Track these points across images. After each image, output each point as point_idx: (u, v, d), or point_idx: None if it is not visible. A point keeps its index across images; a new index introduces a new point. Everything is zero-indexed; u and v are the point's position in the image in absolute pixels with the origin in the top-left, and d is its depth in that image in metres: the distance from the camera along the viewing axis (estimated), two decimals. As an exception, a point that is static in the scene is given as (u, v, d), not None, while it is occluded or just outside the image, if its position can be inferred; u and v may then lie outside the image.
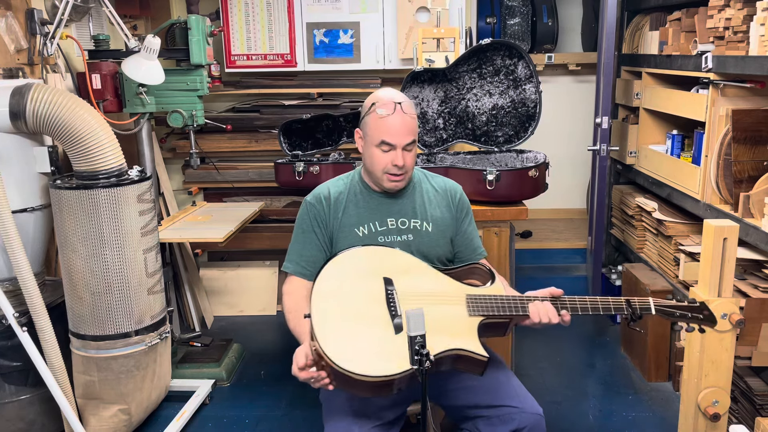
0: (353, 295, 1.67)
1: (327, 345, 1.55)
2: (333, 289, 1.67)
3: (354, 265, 1.74)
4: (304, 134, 3.02)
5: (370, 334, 1.60)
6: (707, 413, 1.93)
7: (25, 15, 2.63)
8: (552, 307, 1.70)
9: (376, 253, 1.78)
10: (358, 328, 1.61)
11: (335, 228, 1.92)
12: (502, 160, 2.93)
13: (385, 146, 1.83)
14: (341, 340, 1.57)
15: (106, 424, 2.43)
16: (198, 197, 3.77)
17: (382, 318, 1.63)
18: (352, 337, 1.59)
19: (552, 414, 2.74)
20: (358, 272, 1.73)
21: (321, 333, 1.57)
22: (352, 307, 1.65)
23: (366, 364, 1.53)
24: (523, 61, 2.85)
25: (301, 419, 2.77)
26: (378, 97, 1.87)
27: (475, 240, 2.01)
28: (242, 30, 3.57)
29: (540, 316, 1.68)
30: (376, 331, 1.60)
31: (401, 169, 1.84)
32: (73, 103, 2.22)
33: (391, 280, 1.72)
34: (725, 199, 2.56)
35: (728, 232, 1.87)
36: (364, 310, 1.64)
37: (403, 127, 1.82)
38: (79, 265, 2.28)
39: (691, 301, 1.72)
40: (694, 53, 2.75)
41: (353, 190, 1.96)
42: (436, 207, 1.97)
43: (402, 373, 1.54)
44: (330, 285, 1.68)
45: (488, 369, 1.88)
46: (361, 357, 1.54)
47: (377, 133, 1.83)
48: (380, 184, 1.90)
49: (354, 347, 1.57)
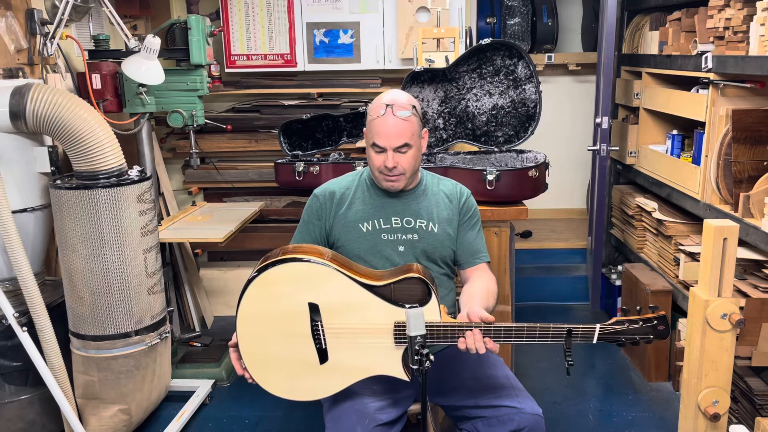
0: (277, 324, 1.69)
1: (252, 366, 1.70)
2: (256, 317, 1.70)
3: (276, 287, 1.69)
4: (304, 134, 3.02)
5: (292, 360, 1.70)
6: (707, 413, 1.93)
7: (25, 15, 2.63)
8: (480, 340, 1.64)
9: (300, 274, 1.70)
10: (280, 353, 1.70)
11: (337, 223, 1.95)
12: (502, 160, 2.93)
13: (376, 147, 1.85)
14: (264, 365, 1.70)
15: (106, 424, 2.43)
16: (198, 197, 3.77)
17: (306, 347, 1.70)
18: (275, 363, 1.70)
19: (552, 414, 2.74)
20: (281, 298, 1.69)
21: (246, 354, 1.70)
22: (276, 340, 1.70)
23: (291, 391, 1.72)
24: (523, 61, 2.85)
25: (301, 419, 2.77)
26: (377, 99, 1.89)
27: (475, 245, 2.00)
28: (242, 30, 3.57)
29: (467, 346, 1.65)
30: (300, 358, 1.70)
31: (392, 171, 1.86)
32: (73, 103, 2.22)
33: (317, 308, 1.68)
34: (725, 199, 2.56)
35: (728, 232, 1.87)
36: (286, 337, 1.69)
37: (393, 129, 1.82)
38: (79, 265, 2.28)
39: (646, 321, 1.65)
40: (694, 53, 2.75)
41: (361, 186, 1.99)
42: (444, 209, 1.97)
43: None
44: (254, 310, 1.70)
45: (489, 369, 1.89)
46: (286, 385, 1.71)
47: (370, 135, 1.88)
48: (379, 184, 1.93)
49: (278, 374, 1.71)
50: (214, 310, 3.85)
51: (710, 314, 1.89)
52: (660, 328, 1.66)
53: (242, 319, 1.70)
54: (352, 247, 1.92)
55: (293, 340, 1.69)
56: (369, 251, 1.91)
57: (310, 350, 1.70)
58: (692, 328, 1.96)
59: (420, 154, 1.92)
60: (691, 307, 1.96)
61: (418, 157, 1.90)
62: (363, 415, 1.74)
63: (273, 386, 1.71)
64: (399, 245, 1.92)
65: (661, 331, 1.66)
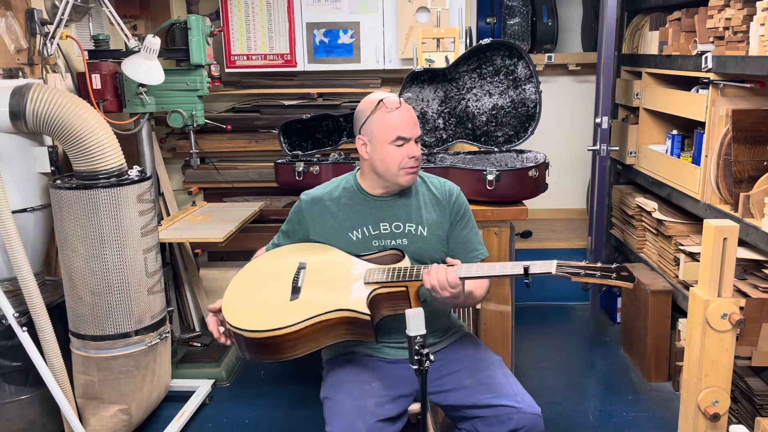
0: (267, 277, 1.89)
1: (226, 309, 1.79)
2: (251, 273, 1.93)
3: (279, 256, 1.97)
4: (304, 134, 3.02)
5: (266, 299, 1.81)
6: (707, 413, 1.93)
7: (25, 15, 2.63)
8: (445, 270, 1.70)
9: (304, 247, 1.98)
10: (257, 295, 1.83)
11: (324, 231, 1.96)
12: (502, 160, 2.93)
13: (399, 141, 1.85)
14: (239, 305, 1.80)
15: (106, 424, 2.43)
16: (198, 197, 3.77)
17: (284, 288, 1.82)
18: (250, 302, 1.81)
19: (552, 414, 2.74)
20: (279, 260, 1.94)
21: (225, 301, 1.82)
22: (260, 287, 1.86)
23: (254, 322, 1.72)
24: (523, 61, 2.85)
25: (301, 419, 2.77)
26: (375, 99, 1.88)
27: (471, 243, 1.99)
28: (242, 30, 3.57)
29: (431, 281, 1.70)
30: (274, 296, 1.80)
31: (418, 160, 1.88)
32: (73, 103, 2.22)
33: (305, 264, 1.89)
34: (725, 199, 2.56)
35: (728, 232, 1.87)
36: (269, 282, 1.86)
37: (411, 119, 1.88)
38: (79, 265, 2.28)
39: (606, 264, 1.63)
40: (694, 53, 2.75)
41: (346, 194, 1.98)
42: (432, 210, 1.96)
43: (281, 329, 1.69)
44: (252, 267, 1.96)
45: (487, 369, 1.89)
46: (251, 317, 1.74)
47: (390, 130, 1.85)
48: (396, 182, 1.90)
49: (247, 309, 1.78)
50: (214, 310, 3.84)
51: (710, 314, 1.89)
52: (623, 273, 1.60)
53: (239, 275, 1.91)
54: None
55: (274, 283, 1.84)
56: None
57: (286, 288, 1.81)
58: (692, 328, 1.96)
59: None
60: (691, 307, 1.96)
61: None
62: (363, 410, 1.74)
63: (237, 319, 1.74)
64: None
65: (625, 276, 1.59)
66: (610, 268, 1.61)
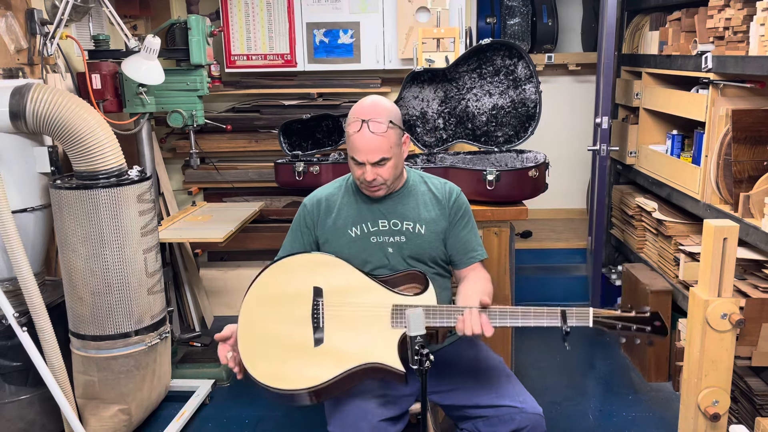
0: (280, 306, 1.75)
1: (245, 354, 1.70)
2: (262, 299, 1.77)
3: (287, 274, 1.80)
4: (304, 134, 3.02)
5: (287, 341, 1.71)
6: (707, 413, 1.93)
7: (25, 15, 2.63)
8: (480, 319, 1.64)
9: (313, 261, 1.83)
10: (276, 335, 1.72)
11: (326, 230, 1.96)
12: (502, 160, 2.93)
13: (354, 161, 1.86)
14: (257, 349, 1.71)
15: (106, 424, 2.43)
16: (198, 197, 3.77)
17: (304, 326, 1.73)
18: (270, 346, 1.71)
19: (552, 414, 2.74)
20: (290, 282, 1.78)
21: (242, 342, 1.72)
22: (276, 321, 1.74)
23: (278, 378, 1.67)
24: (523, 61, 2.85)
25: (301, 419, 2.77)
26: (353, 111, 1.87)
27: (470, 243, 1.98)
28: (242, 30, 3.57)
29: (465, 329, 1.64)
30: (295, 338, 1.71)
31: (371, 183, 1.86)
32: (73, 103, 2.22)
33: (321, 291, 1.77)
34: (725, 199, 2.56)
35: (728, 232, 1.87)
36: (286, 316, 1.74)
37: (370, 144, 1.81)
38: (79, 265, 2.28)
39: (640, 311, 1.67)
40: (694, 53, 2.75)
41: (347, 192, 1.99)
42: (431, 209, 1.96)
43: (312, 388, 1.65)
44: (262, 292, 1.78)
45: (489, 369, 1.89)
46: (275, 370, 1.68)
47: (348, 148, 1.87)
48: (362, 190, 1.94)
49: (268, 358, 1.70)
50: (214, 310, 3.85)
51: (710, 314, 1.89)
52: (656, 323, 1.65)
53: (248, 303, 1.76)
54: (342, 251, 1.91)
55: (292, 321, 1.73)
56: (359, 255, 1.91)
57: (307, 332, 1.72)
58: (692, 328, 1.96)
59: (401, 161, 1.91)
60: (691, 307, 1.96)
61: (399, 165, 1.90)
62: (366, 411, 1.75)
63: (260, 372, 1.69)
64: (388, 247, 1.92)
65: (659, 327, 1.64)
66: (645, 319, 1.65)
